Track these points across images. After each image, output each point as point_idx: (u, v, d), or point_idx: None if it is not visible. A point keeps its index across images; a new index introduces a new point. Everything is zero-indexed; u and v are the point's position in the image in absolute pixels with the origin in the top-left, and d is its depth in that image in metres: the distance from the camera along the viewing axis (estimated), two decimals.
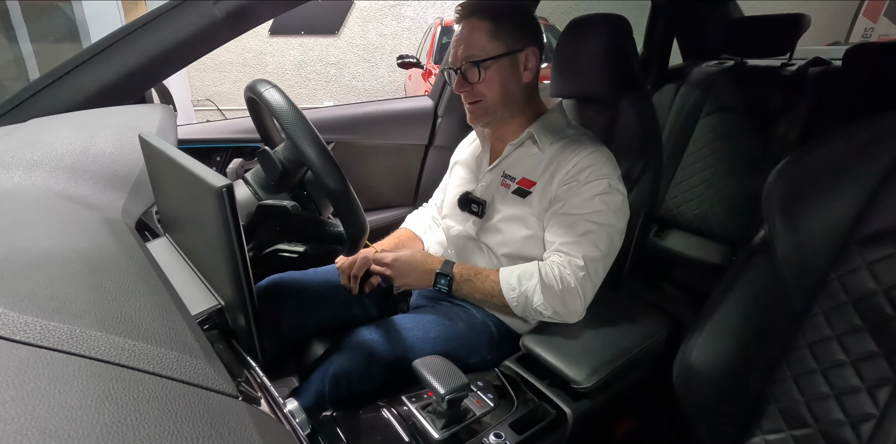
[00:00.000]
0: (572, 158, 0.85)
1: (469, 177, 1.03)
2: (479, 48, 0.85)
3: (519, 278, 0.84)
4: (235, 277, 0.45)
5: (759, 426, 0.64)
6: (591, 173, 0.84)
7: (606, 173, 0.85)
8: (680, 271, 1.59)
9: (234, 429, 0.29)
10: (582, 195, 0.83)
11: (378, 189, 1.54)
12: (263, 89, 0.74)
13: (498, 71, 0.86)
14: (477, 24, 0.85)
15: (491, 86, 0.86)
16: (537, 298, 0.82)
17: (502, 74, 0.86)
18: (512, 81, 0.87)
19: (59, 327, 0.31)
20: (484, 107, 0.89)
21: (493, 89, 0.87)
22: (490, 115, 0.90)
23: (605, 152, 0.87)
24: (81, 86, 0.80)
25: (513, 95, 0.88)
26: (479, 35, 0.85)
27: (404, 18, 6.29)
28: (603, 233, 0.83)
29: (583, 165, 0.84)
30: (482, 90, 0.87)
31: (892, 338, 0.55)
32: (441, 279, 0.88)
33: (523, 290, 0.83)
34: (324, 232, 0.83)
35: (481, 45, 0.85)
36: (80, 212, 0.57)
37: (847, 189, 0.59)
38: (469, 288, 0.87)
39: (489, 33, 0.84)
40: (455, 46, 0.88)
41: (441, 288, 0.88)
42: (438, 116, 1.56)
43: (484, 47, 0.85)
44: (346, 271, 0.98)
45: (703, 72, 1.64)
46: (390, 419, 0.73)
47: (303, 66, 6.34)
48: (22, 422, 0.23)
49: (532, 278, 0.83)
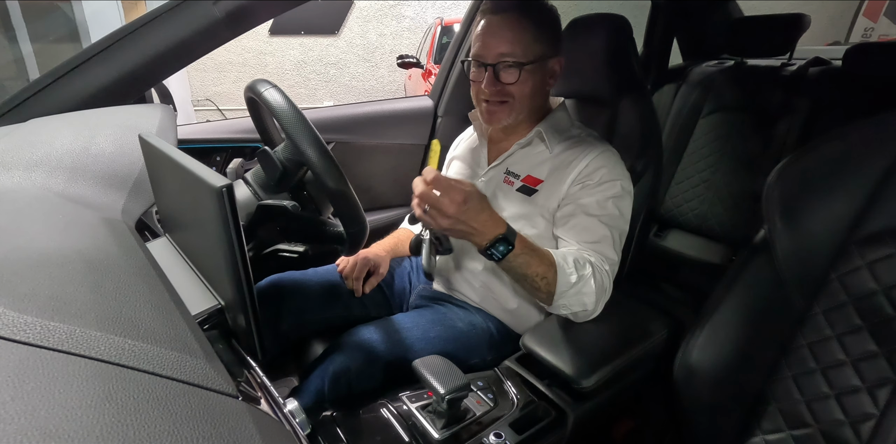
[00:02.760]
0: (583, 157, 0.84)
1: (467, 171, 1.02)
2: (521, 48, 0.80)
3: (574, 263, 0.76)
4: (235, 277, 0.45)
5: (759, 426, 0.64)
6: (604, 174, 0.82)
7: (619, 175, 0.84)
8: (680, 271, 1.59)
9: (234, 429, 0.29)
10: (596, 196, 0.82)
11: (378, 189, 1.54)
12: (263, 89, 0.74)
13: (534, 75, 0.83)
14: (521, 23, 0.80)
15: (524, 89, 0.83)
16: (589, 287, 0.76)
17: (536, 79, 0.83)
18: (541, 88, 0.86)
19: (59, 327, 0.31)
20: (509, 109, 0.85)
21: (525, 93, 0.83)
22: (512, 117, 0.87)
23: (614, 152, 0.86)
24: (81, 86, 0.80)
25: (537, 99, 0.87)
26: (522, 35, 0.80)
27: (404, 18, 6.29)
28: (617, 237, 0.82)
29: (596, 165, 0.83)
30: (513, 92, 0.83)
31: (892, 338, 0.55)
32: (500, 245, 0.70)
33: (581, 274, 0.75)
34: (324, 232, 0.83)
35: (524, 46, 0.80)
36: (80, 212, 0.57)
37: (847, 189, 0.59)
38: (523, 261, 0.72)
39: (533, 35, 0.80)
40: (487, 40, 0.81)
41: (494, 253, 0.71)
42: (438, 115, 1.56)
43: (526, 49, 0.80)
44: (349, 274, 0.99)
45: (703, 72, 1.64)
46: (390, 419, 0.73)
47: (303, 66, 6.34)
48: (22, 422, 0.23)
49: (586, 266, 0.76)
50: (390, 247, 1.09)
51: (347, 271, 1.01)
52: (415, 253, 1.05)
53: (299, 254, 0.90)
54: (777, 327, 0.64)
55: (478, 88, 0.85)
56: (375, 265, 1.03)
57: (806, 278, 0.61)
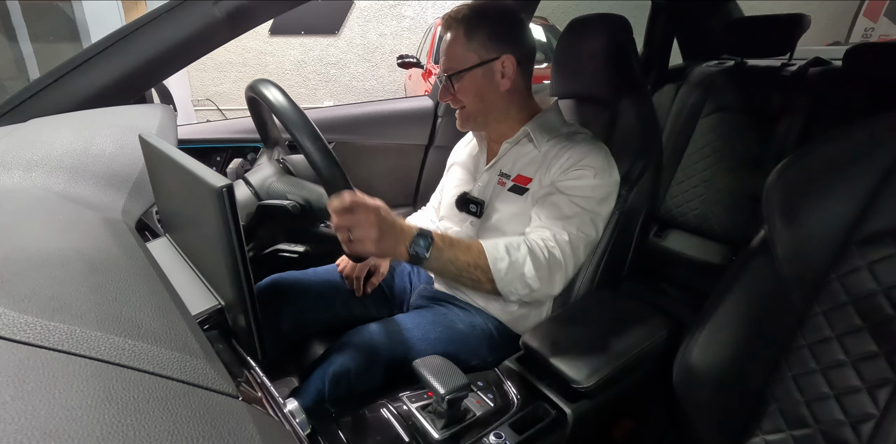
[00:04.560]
0: (566, 152, 0.86)
1: (466, 177, 1.03)
2: (455, 60, 0.87)
3: (507, 248, 0.78)
4: (235, 277, 0.45)
5: (759, 426, 0.64)
6: (582, 163, 0.85)
7: (597, 164, 0.85)
8: (680, 271, 1.59)
9: (234, 429, 0.29)
10: (571, 181, 0.84)
11: (378, 189, 1.54)
12: (264, 89, 0.73)
13: (471, 81, 0.88)
14: (452, 36, 0.87)
15: (467, 95, 0.89)
16: (528, 268, 0.77)
17: (476, 83, 0.88)
18: (489, 90, 0.89)
19: (59, 327, 0.31)
20: (466, 114, 0.92)
21: (469, 98, 0.89)
22: (472, 121, 0.93)
23: (599, 146, 0.88)
24: (81, 86, 0.80)
25: (492, 102, 0.90)
26: (454, 47, 0.87)
27: (404, 18, 6.29)
28: (587, 217, 0.83)
29: (577, 158, 0.85)
30: (461, 98, 0.90)
31: (892, 338, 0.55)
32: (420, 240, 0.72)
33: (513, 260, 0.77)
34: (324, 232, 0.83)
35: (457, 57, 0.87)
36: (80, 212, 0.57)
37: (847, 189, 0.59)
38: (450, 255, 0.75)
39: (463, 45, 0.86)
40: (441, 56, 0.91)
41: (418, 251, 0.72)
42: (438, 116, 1.56)
43: (459, 59, 0.87)
44: (350, 274, 1.00)
45: (703, 72, 1.64)
46: (390, 419, 0.73)
47: (303, 66, 6.34)
48: (22, 422, 0.23)
49: (520, 249, 0.78)
50: None
51: (348, 272, 1.02)
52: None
53: (299, 254, 0.90)
54: (777, 327, 0.64)
55: None
56: (376, 265, 1.04)
57: (806, 279, 0.61)
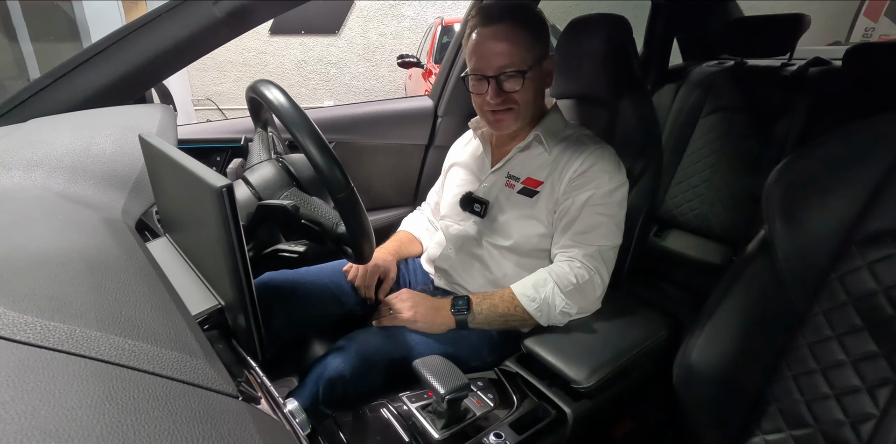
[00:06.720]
0: (578, 157, 0.87)
1: (470, 178, 1.03)
2: (518, 57, 0.82)
3: (534, 286, 0.84)
4: (235, 277, 0.45)
5: (759, 426, 0.64)
6: (597, 170, 0.86)
7: (609, 167, 0.87)
8: (680, 271, 1.59)
9: (234, 429, 0.29)
10: (589, 191, 0.86)
11: (378, 189, 1.54)
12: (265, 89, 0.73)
13: (534, 80, 0.85)
14: (513, 31, 0.82)
15: (527, 95, 0.85)
16: (559, 300, 0.83)
17: (536, 83, 0.86)
18: (542, 89, 0.89)
19: (59, 327, 0.31)
20: (515, 115, 0.87)
21: (528, 98, 0.86)
22: (519, 122, 0.89)
23: (607, 149, 0.90)
24: (81, 86, 0.80)
25: (539, 102, 0.91)
26: (517, 43, 0.82)
27: (404, 18, 6.28)
28: (612, 224, 0.86)
29: (589, 163, 0.86)
30: (517, 98, 0.85)
31: (892, 338, 0.55)
32: (458, 301, 0.86)
33: (543, 297, 0.83)
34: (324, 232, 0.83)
35: (520, 54, 0.82)
36: (80, 212, 0.57)
37: (847, 189, 0.59)
38: (489, 305, 0.86)
39: (527, 41, 0.82)
40: (484, 53, 0.83)
41: (460, 310, 0.85)
42: (438, 116, 1.56)
43: (523, 56, 0.82)
44: (361, 283, 1.00)
45: (703, 72, 1.64)
46: (390, 419, 0.73)
47: (303, 66, 6.34)
48: (22, 422, 0.23)
49: (546, 283, 0.84)
50: (395, 250, 1.10)
51: (359, 281, 1.01)
52: None
53: (299, 254, 0.90)
54: (777, 327, 0.64)
55: (482, 99, 0.87)
56: (385, 271, 1.04)
57: (806, 279, 0.61)
